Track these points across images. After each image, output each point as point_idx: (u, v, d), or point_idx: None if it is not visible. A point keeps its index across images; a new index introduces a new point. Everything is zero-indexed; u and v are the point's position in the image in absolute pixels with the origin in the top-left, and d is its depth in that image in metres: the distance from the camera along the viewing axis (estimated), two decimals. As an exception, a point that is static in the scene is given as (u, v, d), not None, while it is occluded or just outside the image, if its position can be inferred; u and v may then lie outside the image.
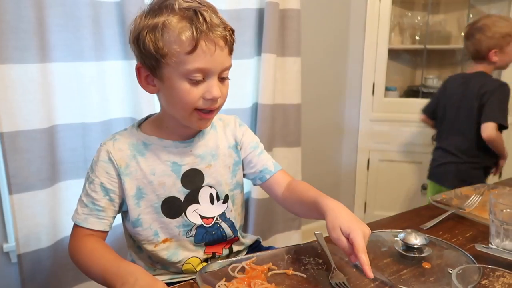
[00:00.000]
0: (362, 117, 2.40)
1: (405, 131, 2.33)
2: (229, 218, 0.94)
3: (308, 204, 0.84)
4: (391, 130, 2.36)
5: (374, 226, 0.98)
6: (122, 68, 1.53)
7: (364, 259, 0.66)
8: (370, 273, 0.65)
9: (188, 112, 0.80)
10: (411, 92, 2.50)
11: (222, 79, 0.81)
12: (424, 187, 2.35)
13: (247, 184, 1.01)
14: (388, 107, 2.36)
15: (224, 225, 0.93)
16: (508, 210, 0.85)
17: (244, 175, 0.99)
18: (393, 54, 2.39)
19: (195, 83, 0.77)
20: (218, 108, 0.84)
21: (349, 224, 0.71)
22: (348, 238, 0.70)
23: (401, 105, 2.36)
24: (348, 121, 2.45)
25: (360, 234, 0.68)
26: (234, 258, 0.78)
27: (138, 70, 0.82)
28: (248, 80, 1.90)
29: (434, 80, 2.45)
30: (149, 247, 0.88)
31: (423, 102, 2.31)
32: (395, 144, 2.36)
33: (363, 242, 0.68)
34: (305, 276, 0.74)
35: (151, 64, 0.78)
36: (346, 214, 0.74)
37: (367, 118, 2.38)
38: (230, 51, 0.82)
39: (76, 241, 0.83)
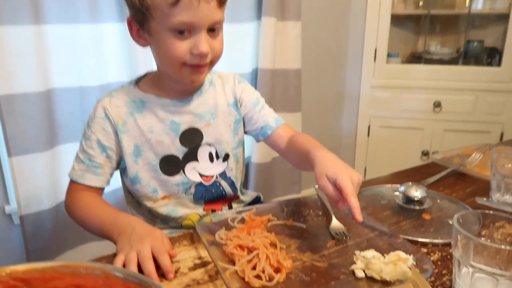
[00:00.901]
0: (363, 83, 2.36)
1: (407, 98, 2.31)
2: (230, 177, 0.93)
3: (302, 155, 0.80)
4: (392, 96, 2.33)
5: (374, 182, 0.98)
6: (119, 31, 1.50)
7: (353, 202, 0.62)
8: (360, 217, 0.62)
9: (178, 67, 0.77)
10: (414, 58, 2.46)
11: (213, 33, 0.77)
12: (424, 153, 2.35)
13: (247, 147, 1.00)
14: (390, 74, 2.32)
15: (224, 183, 0.92)
16: (509, 165, 0.84)
17: (246, 132, 0.97)
18: (396, 19, 2.33)
19: (181, 37, 0.74)
20: (212, 64, 0.81)
21: (335, 170, 0.67)
22: (335, 185, 0.65)
23: (403, 72, 2.32)
24: (349, 87, 2.42)
25: (347, 179, 0.64)
26: (233, 210, 0.78)
27: (129, 23, 0.80)
28: (247, 45, 1.86)
29: (437, 46, 2.40)
30: (148, 203, 0.88)
31: (425, 68, 2.29)
32: (396, 110, 2.34)
33: (351, 185, 0.64)
34: (304, 226, 0.74)
35: (139, 17, 0.76)
36: (334, 162, 0.70)
37: (368, 84, 2.35)
38: (220, 3, 0.77)
39: (73, 196, 0.83)
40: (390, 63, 2.33)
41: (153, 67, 1.47)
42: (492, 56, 2.29)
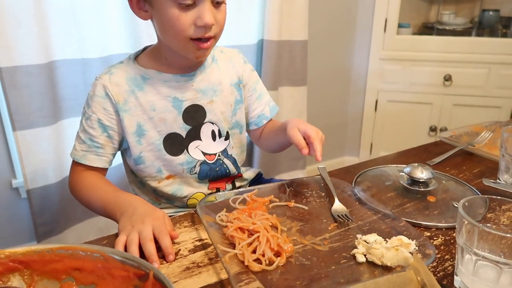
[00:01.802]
0: (372, 55, 2.30)
1: (416, 71, 2.24)
2: (231, 154, 0.92)
3: (277, 132, 0.89)
4: (402, 69, 2.27)
5: (380, 161, 0.97)
6: (121, 1, 1.45)
7: (317, 145, 0.74)
8: (320, 157, 0.73)
9: (183, 42, 0.74)
10: (425, 29, 2.37)
11: (217, 3, 0.74)
12: (432, 129, 2.31)
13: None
14: (400, 45, 2.25)
15: (227, 161, 0.91)
16: (520, 145, 0.82)
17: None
18: (409, -13, 2.25)
19: (185, 8, 0.71)
20: (216, 37, 0.78)
21: (306, 126, 0.77)
22: (304, 137, 0.76)
23: (414, 43, 2.24)
24: (357, 60, 2.36)
25: (314, 130, 0.75)
26: (236, 190, 0.77)
27: None
28: (253, 15, 1.80)
29: (450, 16, 2.31)
30: (153, 183, 0.88)
31: (437, 39, 2.21)
32: (405, 84, 2.28)
33: (317, 134, 0.75)
34: (306, 208, 0.73)
35: None
36: (305, 122, 0.79)
37: (377, 56, 2.28)
38: None
39: (76, 176, 0.82)
40: (400, 34, 2.26)
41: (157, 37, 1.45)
42: (508, 27, 2.20)
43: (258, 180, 1.04)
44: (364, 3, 2.25)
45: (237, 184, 0.97)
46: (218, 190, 0.93)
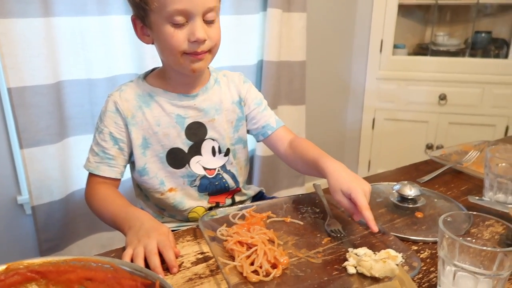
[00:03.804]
0: (369, 75, 2.37)
1: (412, 90, 2.31)
2: (230, 170, 0.97)
3: (309, 163, 0.86)
4: (398, 89, 2.33)
5: (374, 179, 1.01)
6: (126, 23, 1.52)
7: (368, 215, 0.69)
8: (375, 228, 0.69)
9: (178, 56, 0.81)
10: (420, 49, 2.45)
11: (209, 21, 0.80)
12: (428, 147, 2.36)
13: (252, 141, 1.03)
14: (396, 65, 2.32)
15: (226, 176, 0.96)
16: (503, 164, 0.87)
17: (248, 131, 1.01)
18: (403, 9, 2.32)
19: (178, 26, 0.78)
20: (212, 52, 0.84)
21: (348, 185, 0.73)
22: (350, 198, 0.72)
23: (409, 63, 2.32)
24: (354, 79, 2.43)
25: (360, 193, 0.71)
26: (235, 207, 0.81)
27: (133, 21, 0.85)
28: (253, 37, 1.87)
29: (444, 37, 2.38)
30: (156, 195, 0.93)
31: (431, 60, 2.28)
32: (401, 103, 2.34)
33: (364, 200, 0.70)
34: (302, 223, 0.78)
35: (140, 13, 0.81)
36: (346, 175, 0.76)
37: (374, 76, 2.35)
38: None
39: (91, 189, 0.87)
40: (396, 55, 2.33)
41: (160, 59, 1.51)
42: (500, 47, 2.27)
43: (260, 198, 1.09)
44: (361, 25, 2.33)
45: (237, 199, 1.01)
46: (217, 204, 0.97)
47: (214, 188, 0.95)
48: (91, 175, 0.88)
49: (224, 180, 0.96)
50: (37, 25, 1.34)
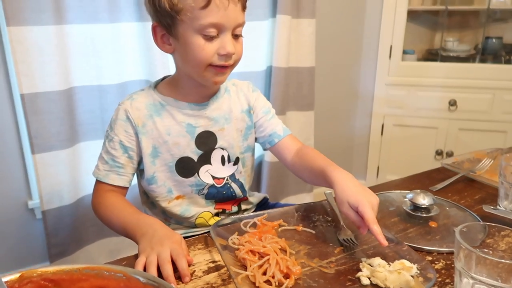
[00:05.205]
0: (378, 81, 2.36)
1: (421, 96, 2.29)
2: (238, 179, 0.97)
3: (316, 173, 0.84)
4: (407, 94, 2.32)
5: (385, 187, 1.00)
6: (137, 30, 1.54)
7: (376, 229, 0.67)
8: (384, 242, 0.66)
9: (203, 68, 0.81)
10: (430, 55, 2.43)
11: (236, 36, 0.82)
12: (438, 153, 2.34)
13: (260, 147, 1.03)
14: (405, 71, 2.31)
15: (234, 185, 0.96)
16: (518, 173, 0.85)
17: (255, 139, 1.01)
18: (413, 15, 2.31)
19: (210, 38, 0.78)
20: (233, 65, 0.85)
21: (356, 197, 0.71)
22: (357, 211, 0.70)
23: (419, 69, 2.31)
24: (363, 85, 2.42)
25: (367, 206, 0.69)
26: (247, 214, 0.81)
27: (154, 29, 0.84)
28: (262, 43, 1.88)
29: (454, 43, 2.37)
30: (163, 204, 0.93)
31: (441, 66, 2.27)
32: (410, 109, 2.33)
33: (372, 213, 0.68)
34: (314, 232, 0.77)
35: (167, 22, 0.80)
36: (353, 186, 0.73)
37: (383, 82, 2.34)
38: (243, 7, 0.83)
39: (99, 197, 0.87)
40: (405, 61, 2.32)
41: (170, 67, 1.52)
42: (511, 53, 2.25)
43: (264, 204, 1.08)
44: (370, 30, 2.32)
45: (243, 206, 1.01)
46: (224, 210, 0.97)
47: (221, 196, 0.95)
48: (99, 183, 0.88)
49: (231, 190, 0.96)
50: (50, 32, 1.36)
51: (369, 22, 2.32)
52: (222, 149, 0.93)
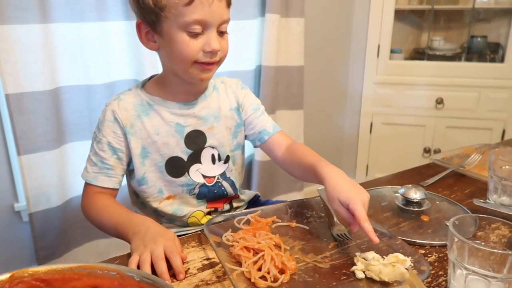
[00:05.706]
0: (366, 80, 2.38)
1: (409, 94, 2.32)
2: (229, 177, 0.96)
3: (306, 169, 0.84)
4: (395, 93, 2.35)
5: (376, 183, 1.01)
6: (125, 29, 1.52)
7: (367, 227, 0.66)
8: (376, 239, 0.65)
9: (189, 65, 0.80)
10: (417, 54, 2.47)
11: (222, 33, 0.81)
12: (426, 150, 2.37)
13: (250, 146, 1.03)
14: (393, 70, 2.34)
15: (225, 183, 0.95)
16: (507, 166, 0.87)
17: (245, 137, 1.00)
18: (400, 15, 2.34)
19: (194, 35, 0.78)
20: (219, 62, 0.84)
21: (346, 195, 0.70)
22: (348, 208, 0.70)
23: (406, 68, 2.33)
24: (352, 84, 2.44)
25: (358, 203, 0.68)
26: (240, 211, 0.81)
27: (138, 26, 0.83)
28: (251, 42, 1.88)
29: (440, 42, 2.40)
30: (154, 204, 0.91)
31: (428, 64, 2.30)
32: (398, 107, 2.36)
33: (363, 211, 0.68)
34: (307, 228, 0.77)
35: (151, 19, 0.79)
36: (344, 183, 0.73)
37: (371, 81, 2.36)
38: (228, 4, 0.82)
39: (88, 198, 0.86)
40: (393, 60, 2.34)
41: (159, 65, 1.50)
42: (496, 52, 2.30)
43: (255, 201, 1.08)
44: (358, 30, 2.34)
45: (235, 204, 1.00)
46: (216, 209, 0.96)
47: (213, 195, 0.94)
48: (88, 185, 0.87)
49: (223, 188, 0.95)
50: (35, 31, 1.33)
51: (357, 22, 2.33)
52: (212, 147, 0.92)
